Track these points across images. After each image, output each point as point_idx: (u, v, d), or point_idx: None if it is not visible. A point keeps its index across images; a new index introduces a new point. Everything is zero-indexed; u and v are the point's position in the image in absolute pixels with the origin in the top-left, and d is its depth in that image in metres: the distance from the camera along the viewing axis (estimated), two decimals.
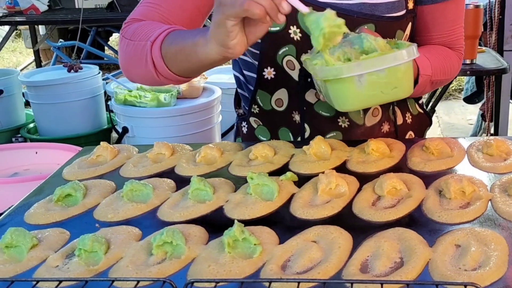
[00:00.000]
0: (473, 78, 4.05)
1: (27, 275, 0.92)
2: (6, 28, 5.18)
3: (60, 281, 0.84)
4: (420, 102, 1.59)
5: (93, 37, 5.52)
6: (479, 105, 4.17)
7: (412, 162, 1.23)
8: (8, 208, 1.18)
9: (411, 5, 1.37)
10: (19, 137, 3.87)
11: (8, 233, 0.98)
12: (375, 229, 0.98)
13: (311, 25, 1.04)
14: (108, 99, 3.60)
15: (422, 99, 1.61)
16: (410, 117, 1.54)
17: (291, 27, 1.34)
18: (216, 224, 1.03)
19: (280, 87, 1.42)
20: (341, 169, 1.21)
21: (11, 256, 0.97)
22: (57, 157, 2.43)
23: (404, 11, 1.35)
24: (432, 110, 3.85)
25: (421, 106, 1.59)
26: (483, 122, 4.02)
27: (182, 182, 1.20)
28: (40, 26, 5.83)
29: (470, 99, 4.22)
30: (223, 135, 3.38)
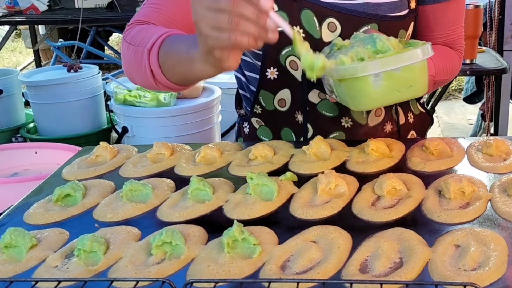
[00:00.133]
0: (473, 78, 4.05)
1: (27, 275, 0.92)
2: (6, 28, 5.19)
3: (59, 281, 0.84)
4: (421, 102, 1.59)
5: (93, 37, 5.53)
6: (479, 105, 4.17)
7: (412, 162, 1.23)
8: (8, 208, 1.18)
9: (414, 5, 1.37)
10: (19, 137, 3.88)
11: (8, 233, 0.98)
12: (375, 229, 0.97)
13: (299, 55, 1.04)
14: (108, 99, 3.61)
15: (423, 99, 1.61)
16: (412, 117, 1.54)
17: (295, 27, 1.33)
18: (216, 224, 1.03)
19: (283, 87, 1.42)
20: (341, 169, 1.21)
21: (10, 256, 0.97)
22: (57, 157, 2.43)
23: (407, 11, 1.35)
24: (432, 110, 3.85)
25: (423, 106, 1.59)
26: (483, 122, 4.02)
27: (182, 182, 1.20)
28: (40, 26, 5.83)
29: (470, 99, 4.22)
30: (223, 135, 3.38)
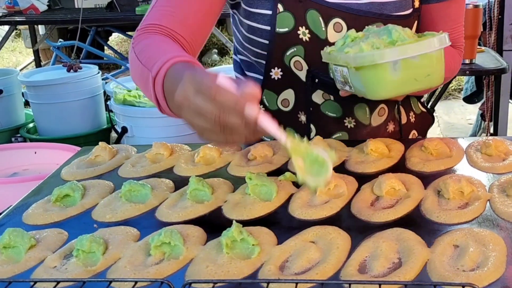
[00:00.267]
0: (473, 78, 4.04)
1: (25, 276, 0.91)
2: (6, 28, 5.18)
3: (58, 282, 0.84)
4: (422, 101, 1.59)
5: (93, 37, 5.53)
6: (479, 105, 4.16)
7: (411, 162, 1.23)
8: (7, 208, 1.18)
9: (417, 4, 1.38)
10: (19, 137, 3.87)
11: (6, 234, 0.98)
12: (374, 230, 0.97)
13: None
14: (108, 99, 3.60)
15: (423, 98, 1.61)
16: (414, 116, 1.54)
17: (300, 28, 1.33)
18: (215, 225, 1.03)
19: (287, 88, 1.41)
20: (340, 169, 1.21)
21: (9, 257, 0.97)
22: (56, 157, 2.43)
23: (411, 10, 1.36)
24: (432, 110, 3.84)
25: (423, 105, 1.59)
26: (483, 122, 4.02)
27: (181, 183, 1.20)
28: (40, 26, 5.84)
29: (470, 99, 4.22)
30: None
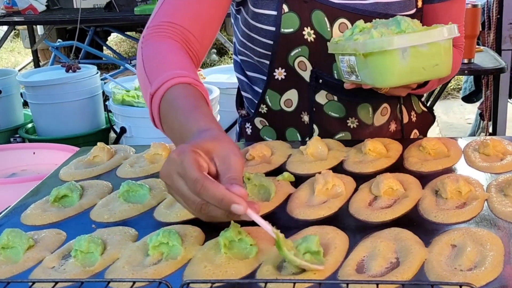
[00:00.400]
0: (472, 78, 4.05)
1: (23, 276, 0.91)
2: (4, 28, 5.19)
3: (56, 282, 0.84)
4: (423, 100, 1.59)
5: (91, 37, 5.52)
6: (478, 104, 4.17)
7: (409, 162, 1.23)
8: (5, 209, 1.18)
9: (420, 4, 1.38)
10: (17, 137, 3.88)
11: (4, 234, 0.98)
12: (372, 229, 0.97)
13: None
14: (106, 99, 3.60)
15: (424, 97, 1.61)
16: (415, 116, 1.55)
17: (305, 28, 1.33)
18: (213, 225, 1.02)
19: (290, 88, 1.41)
20: (338, 169, 1.21)
21: (7, 257, 0.97)
22: (55, 158, 2.43)
23: (415, 10, 1.36)
24: (431, 110, 3.85)
25: (424, 104, 1.59)
26: (482, 121, 4.03)
27: None
28: (39, 26, 5.83)
29: (469, 98, 4.22)
30: None
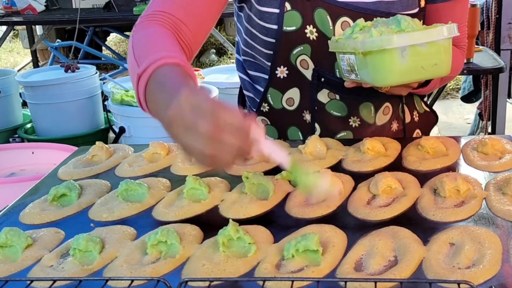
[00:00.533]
0: (471, 77, 4.05)
1: (22, 275, 0.92)
2: (3, 28, 5.18)
3: (54, 281, 0.84)
4: (425, 100, 1.59)
5: (91, 37, 5.51)
6: (477, 104, 4.17)
7: (408, 161, 1.23)
8: (4, 208, 1.18)
9: (423, 3, 1.38)
10: (17, 138, 3.87)
11: (3, 233, 0.98)
12: (370, 228, 0.98)
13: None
14: (106, 99, 3.60)
15: (426, 97, 1.61)
16: (417, 115, 1.55)
17: (308, 27, 1.33)
18: (211, 223, 1.03)
19: (292, 86, 1.41)
20: (337, 168, 1.21)
21: (6, 256, 0.97)
22: (54, 157, 2.43)
23: (417, 9, 1.36)
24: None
25: (426, 104, 1.59)
26: (481, 121, 4.02)
27: (178, 182, 1.20)
28: (37, 26, 5.82)
29: (468, 98, 4.22)
30: None
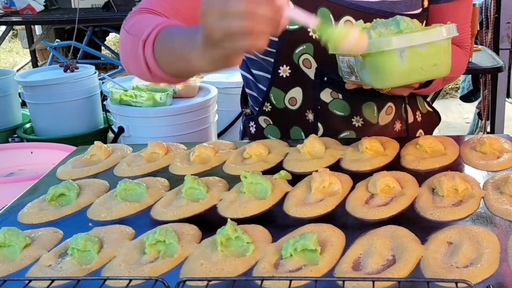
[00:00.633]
0: (470, 77, 4.05)
1: (20, 275, 0.92)
2: (2, 28, 5.18)
3: (53, 280, 0.84)
4: (428, 100, 1.59)
5: (90, 37, 5.51)
6: (476, 104, 4.17)
7: (406, 160, 1.23)
8: (2, 208, 1.18)
9: (426, 3, 1.38)
10: (16, 137, 3.87)
11: (1, 233, 0.98)
12: (368, 227, 0.98)
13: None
14: (105, 99, 3.60)
15: (429, 98, 1.61)
16: (420, 116, 1.54)
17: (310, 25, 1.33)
18: (210, 223, 1.03)
19: (295, 86, 1.41)
20: (335, 168, 1.21)
21: (4, 256, 0.97)
22: (53, 157, 2.42)
23: (421, 9, 1.36)
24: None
25: (429, 104, 1.59)
26: (480, 121, 4.02)
27: (176, 181, 1.20)
28: (37, 26, 5.82)
29: (467, 98, 4.22)
30: (220, 135, 3.38)
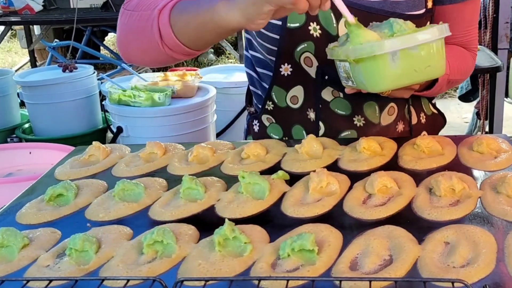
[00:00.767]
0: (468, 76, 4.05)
1: (18, 275, 0.92)
2: (1, 28, 5.17)
3: (50, 281, 0.84)
4: (433, 102, 1.58)
5: (88, 37, 5.51)
6: (474, 103, 4.17)
7: (403, 160, 1.24)
8: (0, 208, 1.18)
9: (430, 4, 1.37)
10: (14, 137, 3.87)
11: None
12: (365, 227, 0.98)
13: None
14: (103, 99, 3.60)
15: (435, 99, 1.59)
16: (424, 117, 1.54)
17: (311, 24, 1.33)
18: (207, 223, 1.03)
19: (296, 84, 1.42)
20: (333, 168, 1.21)
21: (2, 256, 0.97)
22: (51, 157, 2.43)
23: (424, 10, 1.35)
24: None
25: (435, 106, 1.58)
26: (478, 120, 4.03)
27: (174, 181, 1.20)
28: (35, 26, 5.81)
29: (465, 97, 4.22)
30: (218, 135, 3.38)
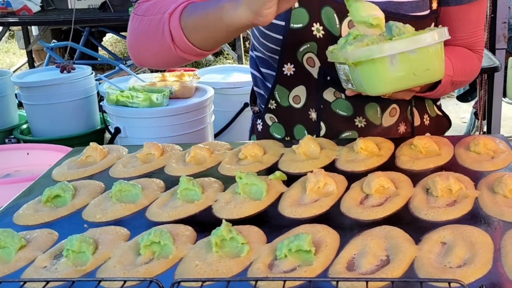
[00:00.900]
0: None
1: (15, 276, 0.92)
2: None
3: (47, 282, 0.84)
4: (438, 104, 1.57)
5: (86, 38, 5.51)
6: (472, 103, 4.18)
7: (401, 161, 1.24)
8: None
9: (435, 6, 1.36)
10: (12, 138, 3.86)
11: None
12: (363, 228, 0.98)
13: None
14: (101, 100, 3.60)
15: (440, 101, 1.58)
16: (428, 119, 1.53)
17: (314, 24, 1.33)
18: (205, 224, 1.03)
19: (299, 84, 1.42)
20: (330, 168, 1.21)
21: None
22: (49, 158, 2.42)
23: (428, 11, 1.35)
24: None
25: (439, 108, 1.57)
26: (476, 120, 4.03)
27: (172, 182, 1.20)
28: (33, 27, 5.82)
29: (463, 98, 4.23)
30: (216, 135, 3.38)
